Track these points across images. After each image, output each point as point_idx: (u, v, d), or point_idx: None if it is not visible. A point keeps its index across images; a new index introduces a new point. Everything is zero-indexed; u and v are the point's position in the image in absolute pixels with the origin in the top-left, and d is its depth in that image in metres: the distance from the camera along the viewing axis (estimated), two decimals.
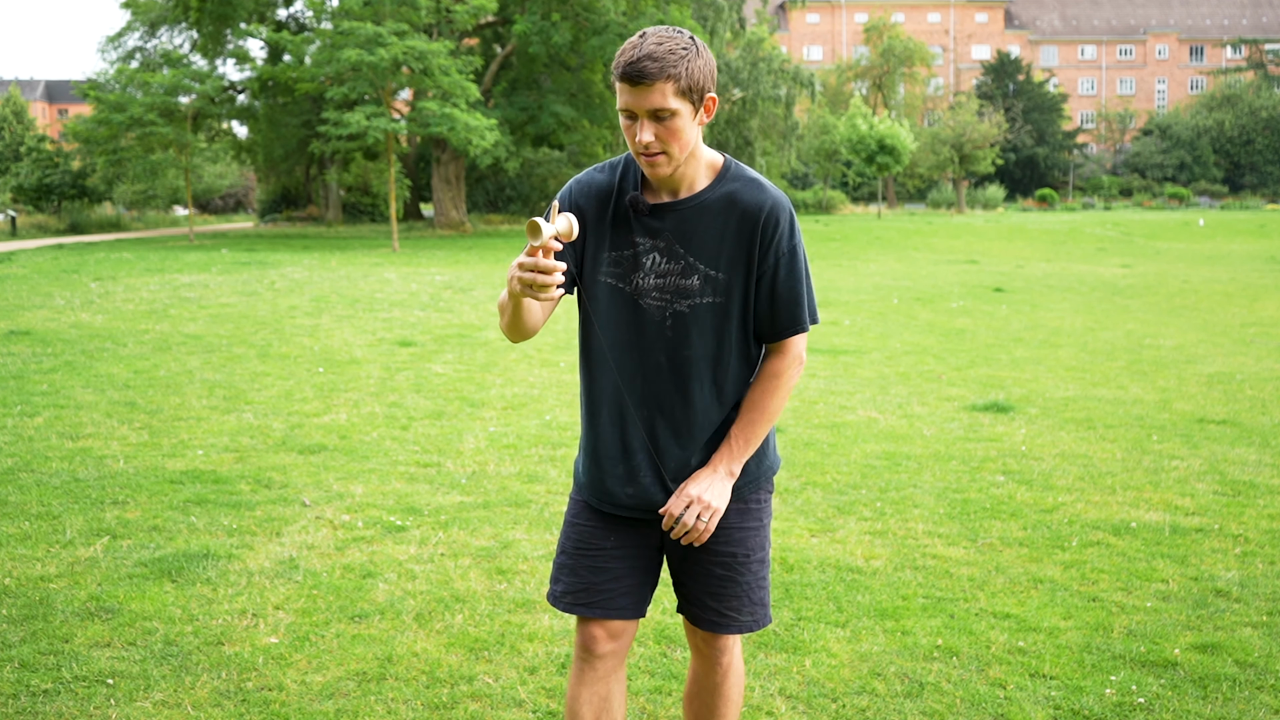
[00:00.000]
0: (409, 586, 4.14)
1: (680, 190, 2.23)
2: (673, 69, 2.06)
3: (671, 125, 2.10)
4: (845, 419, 7.27)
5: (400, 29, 26.90)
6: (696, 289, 2.22)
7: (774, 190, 2.23)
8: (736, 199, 2.22)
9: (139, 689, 3.28)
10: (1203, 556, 4.54)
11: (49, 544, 4.54)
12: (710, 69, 2.13)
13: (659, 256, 2.23)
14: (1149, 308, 15.02)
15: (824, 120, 58.03)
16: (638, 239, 2.24)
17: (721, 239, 2.22)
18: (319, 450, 6.20)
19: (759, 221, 2.20)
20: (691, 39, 2.11)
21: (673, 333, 2.24)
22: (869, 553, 4.57)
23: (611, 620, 2.35)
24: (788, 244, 2.23)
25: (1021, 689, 3.34)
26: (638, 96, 2.08)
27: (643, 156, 2.15)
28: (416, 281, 17.30)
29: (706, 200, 2.22)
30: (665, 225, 2.23)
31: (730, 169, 2.26)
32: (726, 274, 2.22)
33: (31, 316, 11.97)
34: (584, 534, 2.37)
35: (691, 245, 2.22)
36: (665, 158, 2.14)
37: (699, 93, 2.11)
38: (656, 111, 2.09)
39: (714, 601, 2.39)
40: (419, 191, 48.66)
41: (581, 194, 2.28)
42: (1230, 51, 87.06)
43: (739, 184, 2.23)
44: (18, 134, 57.05)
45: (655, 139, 2.11)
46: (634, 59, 2.06)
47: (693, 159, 2.21)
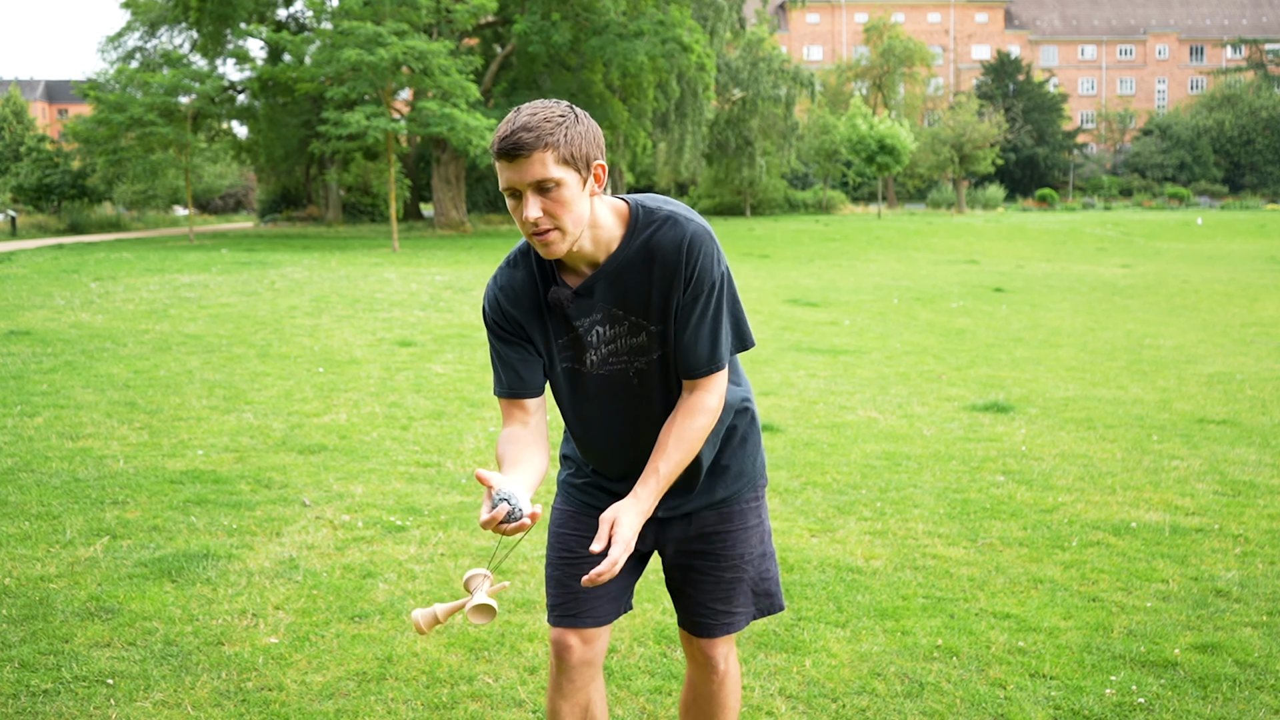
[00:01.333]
0: (409, 586, 4.14)
1: (598, 256, 2.14)
2: (549, 136, 1.97)
3: (558, 196, 2.00)
4: (845, 419, 7.27)
5: (400, 29, 26.90)
6: (646, 345, 2.19)
7: (690, 223, 2.13)
8: (653, 246, 2.13)
9: (139, 689, 3.28)
10: (1203, 556, 4.54)
11: (49, 544, 4.54)
12: (593, 136, 2.04)
13: (602, 329, 2.18)
14: (1149, 308, 15.02)
15: (824, 120, 58.03)
16: (574, 322, 2.19)
17: (650, 290, 2.14)
18: (319, 450, 6.20)
19: (680, 260, 2.11)
20: (570, 108, 2.03)
21: (640, 389, 2.22)
22: (869, 553, 4.57)
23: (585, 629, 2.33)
24: (711, 275, 2.13)
25: (1021, 689, 3.34)
26: (518, 171, 1.98)
27: (534, 237, 2.04)
28: (416, 281, 17.30)
29: (626, 257, 2.14)
30: (595, 298, 2.16)
31: (639, 216, 2.15)
32: (661, 325, 2.17)
33: (31, 316, 11.97)
34: (569, 542, 2.36)
35: (628, 304, 2.16)
36: (558, 234, 2.03)
37: (583, 160, 2.02)
38: (540, 184, 1.99)
39: (724, 605, 2.39)
40: (419, 191, 48.67)
41: (508, 299, 2.22)
42: (1230, 51, 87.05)
43: (652, 227, 2.13)
44: (18, 134, 57.05)
45: (544, 214, 2.01)
46: (508, 133, 1.98)
47: (594, 229, 2.11)
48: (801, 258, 25.85)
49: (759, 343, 10.85)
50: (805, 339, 11.30)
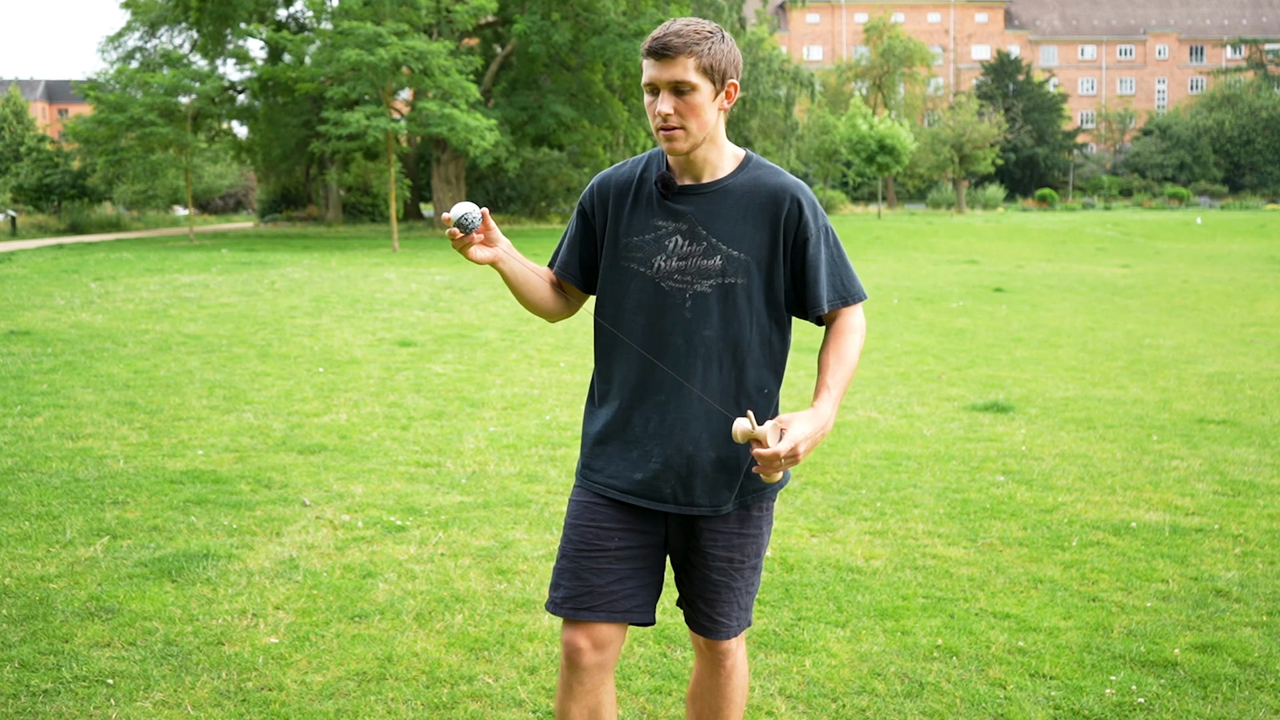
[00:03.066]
0: (409, 586, 4.14)
1: (703, 175, 2.28)
2: (696, 46, 2.13)
3: (691, 100, 2.16)
4: (845, 419, 7.27)
5: (400, 29, 26.91)
6: (719, 269, 2.25)
7: (794, 178, 2.30)
8: (759, 183, 2.27)
9: (139, 689, 3.28)
10: (1203, 556, 4.54)
11: (49, 544, 4.54)
12: (734, 58, 2.19)
13: (681, 239, 2.27)
14: (1149, 308, 15.02)
15: (824, 120, 58.04)
16: (659, 222, 2.28)
17: (744, 221, 2.26)
18: (319, 450, 6.20)
19: (783, 204, 2.26)
20: (718, 29, 2.19)
21: (692, 314, 2.26)
22: (869, 553, 4.57)
23: (600, 625, 2.30)
24: (815, 224, 2.28)
25: (1021, 689, 3.34)
26: (661, 69, 2.15)
27: (661, 131, 2.19)
28: (416, 281, 17.30)
29: (729, 185, 2.27)
30: (687, 208, 2.27)
31: (752, 160, 2.32)
32: (750, 255, 2.26)
33: (31, 316, 11.97)
34: (586, 535, 2.33)
35: (714, 227, 2.26)
36: (683, 133, 2.18)
37: (720, 74, 2.17)
38: (677, 84, 2.15)
39: (706, 606, 2.40)
40: (419, 191, 48.67)
41: (605, 185, 2.36)
42: (1230, 51, 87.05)
43: (761, 171, 2.30)
44: (18, 134, 57.08)
45: (675, 112, 2.16)
46: (661, 34, 2.15)
47: (713, 145, 2.25)
48: None
49: None
50: (805, 339, 11.27)
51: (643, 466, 2.29)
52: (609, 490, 2.33)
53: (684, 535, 2.37)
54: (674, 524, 2.37)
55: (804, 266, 2.28)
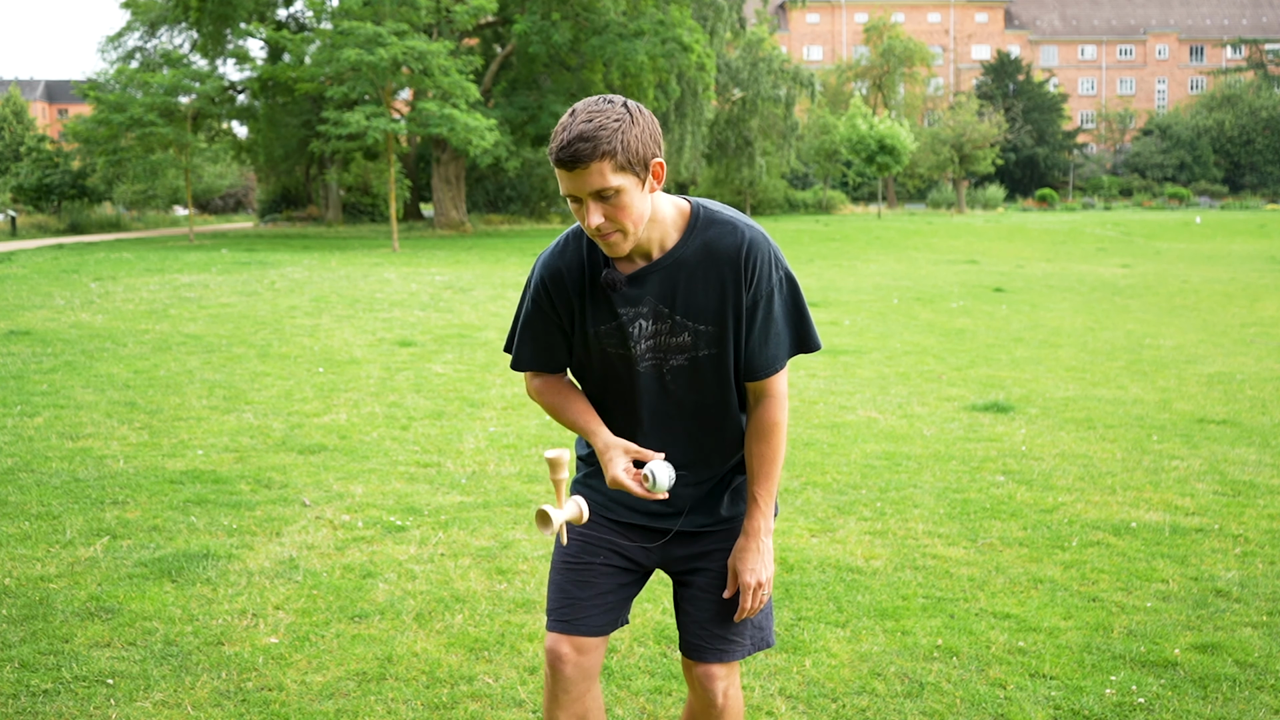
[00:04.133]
0: (409, 586, 4.14)
1: (653, 252, 2.17)
2: (606, 145, 1.97)
3: (618, 202, 2.03)
4: (845, 419, 7.27)
5: (400, 29, 26.90)
6: (689, 344, 2.20)
7: (748, 229, 2.17)
8: (712, 248, 2.16)
9: (139, 689, 3.28)
10: (1203, 556, 4.54)
11: (49, 544, 4.54)
12: (651, 133, 2.04)
13: (644, 322, 2.20)
14: (1149, 308, 15.02)
15: (824, 120, 58.02)
16: (620, 310, 2.19)
17: (705, 292, 2.17)
18: (319, 450, 6.20)
19: (739, 265, 2.15)
20: (625, 107, 2.03)
21: (674, 386, 2.24)
22: (869, 553, 4.57)
23: (580, 637, 2.32)
24: (768, 281, 2.18)
25: (1021, 689, 3.34)
26: (576, 180, 2.01)
27: (599, 238, 2.08)
28: (416, 281, 17.30)
29: (682, 256, 2.17)
30: (645, 291, 2.18)
31: (700, 216, 2.18)
32: (717, 326, 2.19)
33: (31, 316, 11.97)
34: (573, 548, 2.35)
35: (676, 304, 2.18)
36: (620, 235, 2.07)
37: (641, 162, 2.03)
38: (600, 192, 2.01)
39: (719, 629, 2.36)
40: (419, 191, 48.66)
41: (555, 276, 2.23)
42: (1230, 51, 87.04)
43: (713, 230, 2.17)
44: (18, 134, 57.06)
45: (605, 219, 2.04)
46: (565, 143, 1.98)
47: (655, 223, 2.14)
48: (801, 258, 25.84)
49: None
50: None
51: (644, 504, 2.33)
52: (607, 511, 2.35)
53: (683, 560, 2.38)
54: (677, 544, 2.37)
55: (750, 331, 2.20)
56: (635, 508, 2.33)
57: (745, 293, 2.17)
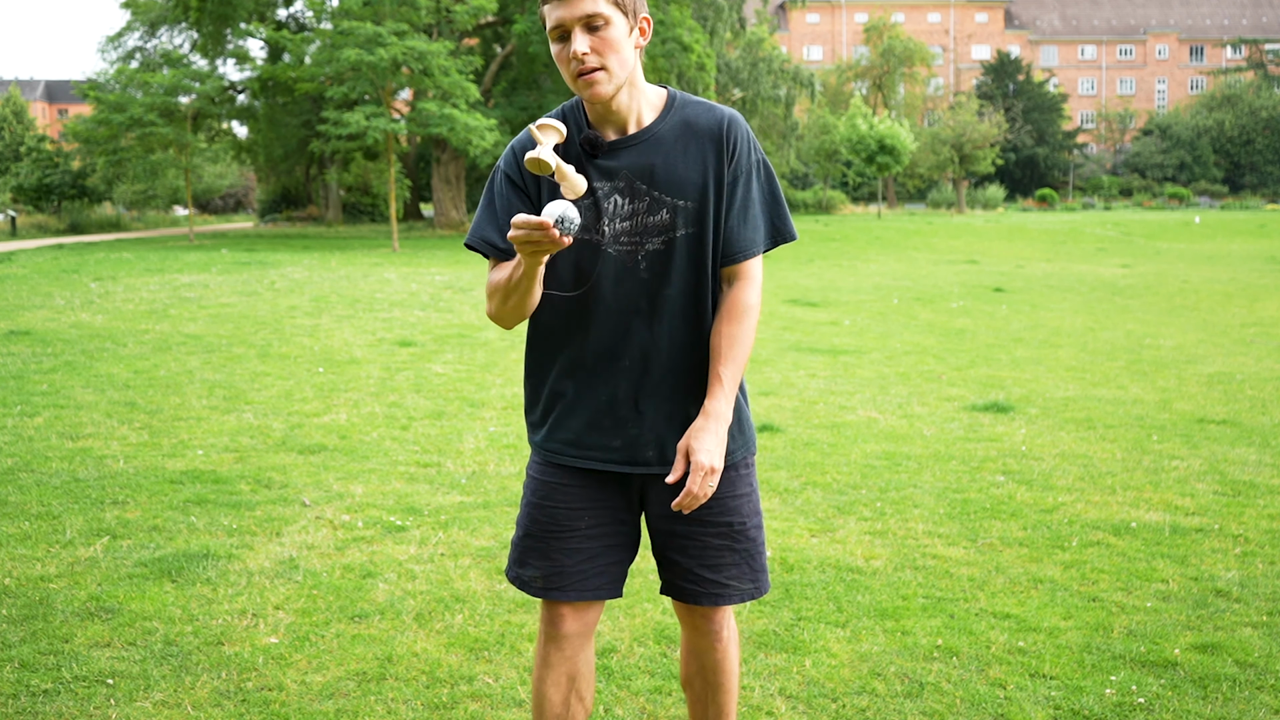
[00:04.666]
0: (409, 586, 4.14)
1: (629, 125, 2.14)
2: None
3: (606, 35, 2.02)
4: (845, 419, 7.27)
5: (400, 29, 26.91)
6: (667, 223, 2.13)
7: (727, 108, 2.17)
8: (691, 123, 2.14)
9: (139, 689, 3.28)
10: (1203, 556, 4.54)
11: (49, 544, 4.54)
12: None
13: (620, 199, 2.13)
14: (1149, 308, 15.02)
15: (824, 120, 58.05)
16: (595, 184, 2.12)
17: (684, 166, 2.13)
18: (319, 450, 6.20)
19: (720, 139, 2.13)
20: None
21: (648, 274, 2.15)
22: (869, 553, 4.57)
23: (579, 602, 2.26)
24: (748, 158, 2.16)
25: (1021, 689, 3.34)
26: (567, 7, 2.00)
27: (580, 78, 2.04)
28: (416, 281, 17.30)
29: (660, 130, 2.14)
30: (621, 163, 2.12)
31: (677, 98, 2.18)
32: (697, 201, 2.13)
33: (31, 316, 11.97)
34: (555, 515, 2.27)
35: (654, 179, 2.12)
36: (605, 74, 2.03)
37: (630, 7, 2.05)
38: (589, 20, 2.00)
39: (712, 574, 2.28)
40: (419, 191, 48.66)
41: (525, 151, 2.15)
42: (1230, 51, 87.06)
43: (690, 109, 2.16)
44: (18, 134, 57.08)
45: (591, 51, 2.01)
46: None
47: (634, 89, 2.12)
48: (801, 258, 25.84)
49: (759, 342, 10.84)
50: (805, 339, 11.30)
51: (619, 433, 2.22)
52: (582, 461, 2.25)
53: (663, 502, 2.27)
54: (654, 491, 2.28)
55: (733, 207, 2.15)
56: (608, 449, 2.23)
57: (726, 167, 2.13)
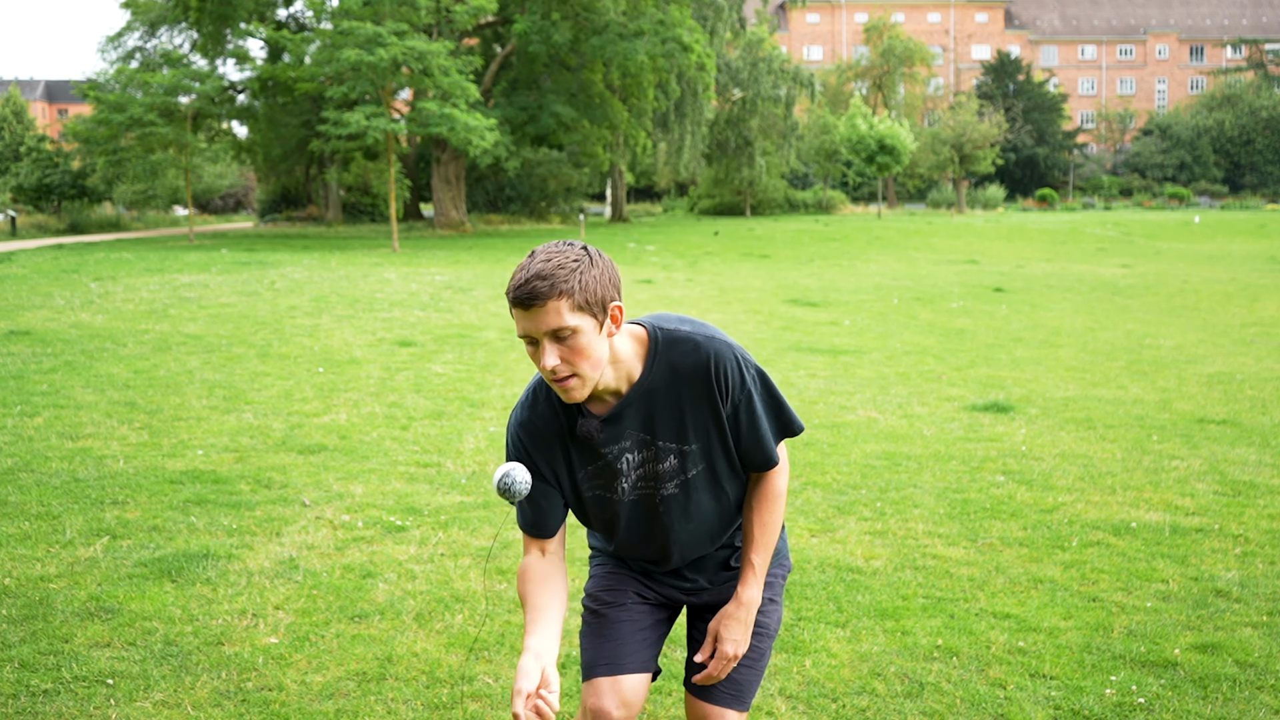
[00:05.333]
0: (409, 586, 4.14)
1: (622, 388, 2.13)
2: (564, 284, 1.94)
3: (574, 344, 1.98)
4: (845, 419, 7.27)
5: (400, 29, 26.91)
6: (678, 468, 2.19)
7: (709, 342, 2.12)
8: (678, 368, 2.12)
9: (139, 689, 3.28)
10: (1203, 556, 4.54)
11: (49, 544, 4.54)
12: (609, 277, 2.01)
13: (631, 455, 2.18)
14: (1149, 308, 15.02)
15: (824, 120, 58.04)
16: (603, 450, 2.17)
17: (682, 413, 2.15)
18: (319, 450, 6.20)
19: (710, 381, 2.12)
20: (585, 250, 2.00)
21: (668, 517, 2.23)
22: (869, 553, 4.57)
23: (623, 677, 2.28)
24: (741, 389, 2.15)
25: (1021, 689, 3.34)
26: (533, 320, 1.96)
27: (555, 383, 2.03)
28: (416, 281, 17.30)
29: (651, 384, 2.13)
30: (624, 426, 2.15)
31: (659, 340, 2.13)
32: (701, 442, 2.17)
33: (31, 316, 11.97)
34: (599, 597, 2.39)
35: (656, 431, 2.16)
36: (577, 380, 2.02)
37: (599, 304, 1.99)
38: (556, 332, 1.96)
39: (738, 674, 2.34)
40: (419, 191, 48.66)
41: (534, 443, 2.21)
42: (1230, 51, 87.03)
43: (675, 352, 2.12)
44: (18, 134, 57.06)
45: (562, 362, 1.99)
46: (522, 281, 1.95)
47: (618, 363, 2.10)
48: (801, 258, 25.85)
49: (758, 342, 10.85)
50: (805, 339, 11.30)
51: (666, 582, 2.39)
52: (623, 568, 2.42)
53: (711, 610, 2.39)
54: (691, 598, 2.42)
55: (743, 430, 2.19)
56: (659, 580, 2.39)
57: (723, 405, 2.15)
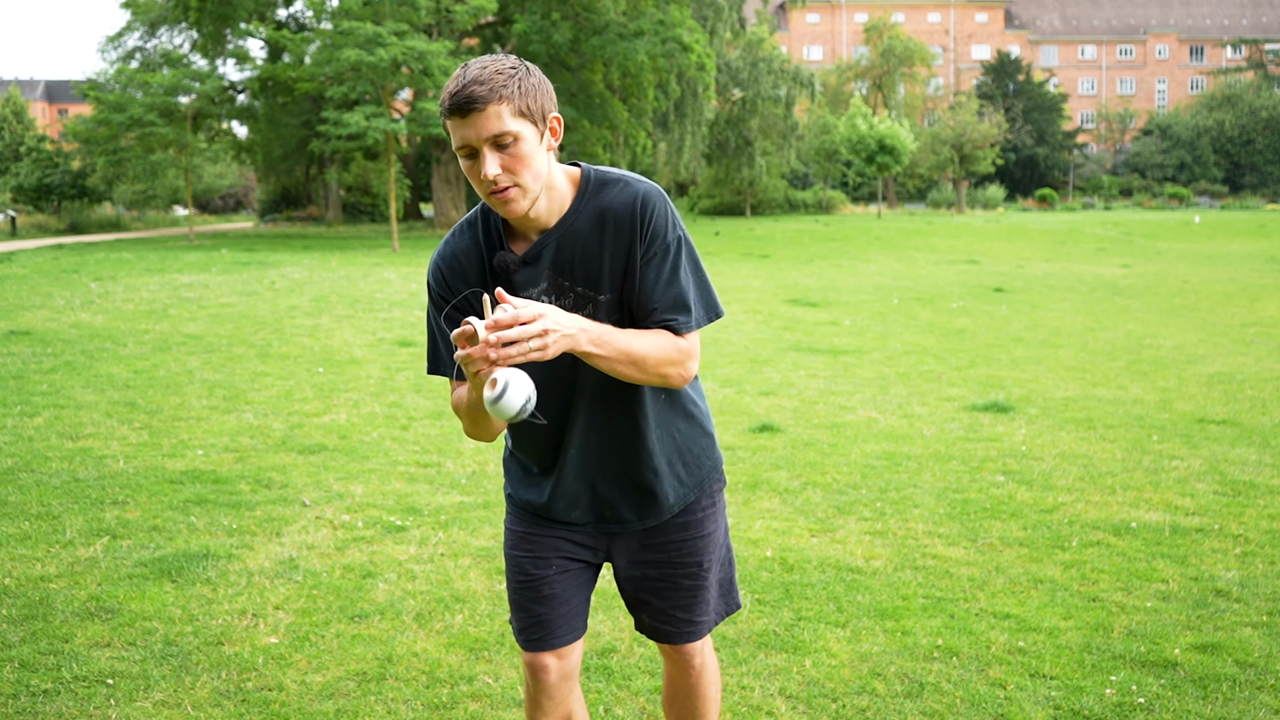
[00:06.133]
0: (409, 586, 4.14)
1: (549, 221, 2.06)
2: (504, 89, 1.90)
3: (516, 151, 1.93)
4: (845, 419, 7.27)
5: (400, 29, 26.92)
6: (592, 317, 2.06)
7: (641, 184, 2.06)
8: (605, 207, 2.05)
9: (139, 689, 3.28)
10: (1203, 556, 4.54)
11: (49, 544, 4.54)
12: (546, 88, 1.98)
13: (547, 298, 2.07)
14: (1149, 308, 15.02)
15: (824, 120, 58.04)
16: (520, 293, 2.07)
17: (601, 255, 2.06)
18: (319, 450, 6.20)
19: (634, 221, 2.04)
20: (520, 61, 1.97)
21: (582, 366, 2.10)
22: (869, 553, 4.57)
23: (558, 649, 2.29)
24: (664, 238, 2.05)
25: (1021, 689, 3.34)
26: (473, 127, 1.90)
27: (494, 196, 1.96)
28: (416, 281, 17.30)
29: (575, 223, 2.05)
30: (541, 266, 2.06)
31: (591, 179, 2.08)
32: (615, 293, 2.07)
33: (31, 316, 11.97)
34: (523, 565, 2.29)
35: (575, 273, 2.06)
36: (518, 190, 1.96)
37: (539, 113, 1.95)
38: (497, 139, 1.91)
39: (685, 613, 2.34)
40: (419, 191, 48.67)
41: (453, 273, 2.12)
42: (1230, 51, 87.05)
43: (605, 192, 2.06)
44: (18, 134, 57.06)
45: (503, 170, 1.93)
46: (458, 88, 1.89)
47: (551, 189, 2.03)
48: (801, 258, 25.85)
49: (758, 342, 10.84)
50: (805, 339, 11.30)
51: (577, 506, 2.25)
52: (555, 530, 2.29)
53: (639, 555, 2.32)
54: (622, 547, 2.32)
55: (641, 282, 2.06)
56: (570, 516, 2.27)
57: (639, 247, 2.04)
